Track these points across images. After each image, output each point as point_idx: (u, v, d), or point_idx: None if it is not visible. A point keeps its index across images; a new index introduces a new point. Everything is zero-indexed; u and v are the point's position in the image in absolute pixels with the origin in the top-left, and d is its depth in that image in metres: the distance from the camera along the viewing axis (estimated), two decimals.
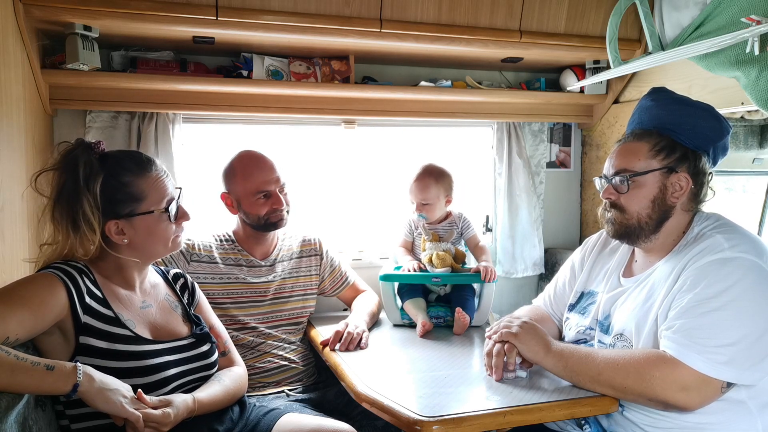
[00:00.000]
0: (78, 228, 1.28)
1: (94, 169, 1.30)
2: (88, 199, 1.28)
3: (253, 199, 1.89)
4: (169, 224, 1.39)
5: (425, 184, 2.08)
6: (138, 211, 1.34)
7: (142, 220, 1.35)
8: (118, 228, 1.34)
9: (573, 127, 2.78)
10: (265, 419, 1.45)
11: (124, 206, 1.33)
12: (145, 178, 1.36)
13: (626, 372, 1.30)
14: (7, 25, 1.58)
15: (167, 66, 2.04)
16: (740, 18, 1.61)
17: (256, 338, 1.89)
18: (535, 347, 1.43)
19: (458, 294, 2.07)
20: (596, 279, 1.65)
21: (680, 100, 1.48)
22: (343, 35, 1.97)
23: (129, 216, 1.34)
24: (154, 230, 1.37)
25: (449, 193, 2.13)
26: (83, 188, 1.28)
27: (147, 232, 1.36)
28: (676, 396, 1.26)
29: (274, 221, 1.92)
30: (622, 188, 1.45)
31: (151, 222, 1.36)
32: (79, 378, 1.10)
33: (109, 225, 1.32)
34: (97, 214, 1.29)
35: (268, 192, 1.90)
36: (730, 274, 1.28)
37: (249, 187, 1.89)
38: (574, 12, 2.21)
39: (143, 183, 1.35)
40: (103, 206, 1.30)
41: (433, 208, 2.10)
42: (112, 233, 1.33)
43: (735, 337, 1.24)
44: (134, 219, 1.34)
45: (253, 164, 1.91)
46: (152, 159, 1.41)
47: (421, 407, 1.29)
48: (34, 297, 1.18)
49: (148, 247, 1.38)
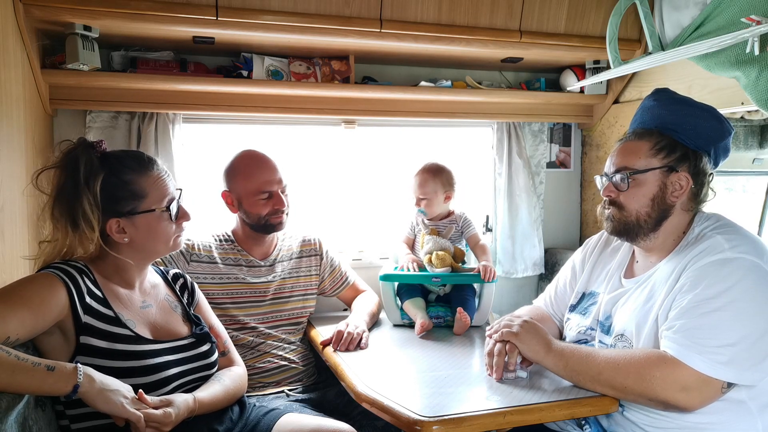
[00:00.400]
0: (77, 226, 1.28)
1: (95, 168, 1.30)
2: (88, 197, 1.28)
3: (255, 198, 1.88)
4: (169, 223, 1.39)
5: (423, 179, 2.12)
6: (139, 209, 1.35)
7: (144, 219, 1.35)
8: (119, 226, 1.34)
9: (573, 127, 2.78)
10: (265, 419, 1.46)
11: (125, 204, 1.33)
12: (146, 177, 1.36)
13: (626, 372, 1.31)
14: (7, 25, 1.58)
15: (167, 66, 2.04)
16: (740, 18, 1.61)
17: (256, 338, 1.89)
18: (536, 346, 1.43)
19: (458, 294, 2.08)
20: (597, 280, 1.65)
21: (682, 100, 1.49)
22: (343, 35, 1.97)
23: (130, 214, 1.34)
24: (155, 229, 1.37)
25: (448, 189, 2.13)
26: (83, 186, 1.28)
27: (148, 230, 1.36)
28: (676, 396, 1.26)
29: (273, 223, 1.92)
30: (622, 186, 1.45)
31: (153, 220, 1.36)
32: (80, 379, 1.10)
33: (110, 223, 1.33)
34: (96, 213, 1.29)
35: (271, 192, 1.89)
36: (730, 275, 1.28)
37: (251, 186, 1.88)
38: (574, 12, 2.21)
39: (145, 181, 1.36)
40: (103, 205, 1.30)
41: (431, 203, 2.12)
42: (113, 232, 1.34)
43: (735, 338, 1.24)
44: (136, 217, 1.34)
45: (256, 164, 1.91)
46: (154, 158, 1.41)
47: (421, 407, 1.29)
48: (35, 297, 1.18)
49: (148, 246, 1.38)
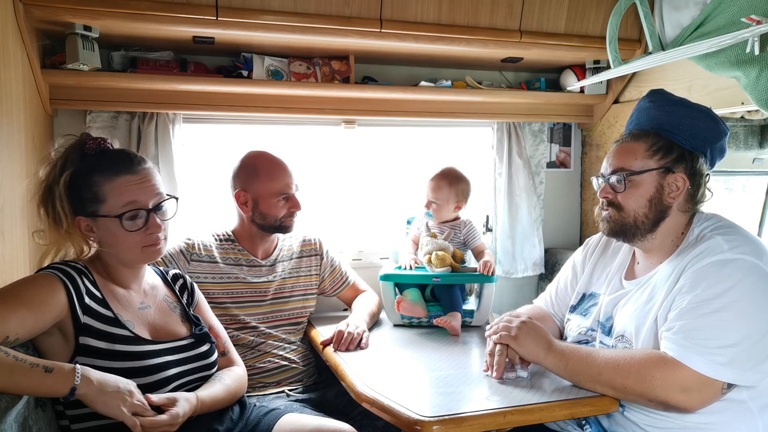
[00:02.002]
0: (58, 222, 1.32)
1: (69, 164, 1.33)
2: (60, 192, 1.31)
3: (274, 200, 1.91)
4: (128, 232, 1.33)
5: (439, 185, 2.11)
6: (99, 212, 1.33)
7: (104, 223, 1.33)
8: (88, 226, 1.35)
9: (573, 127, 2.77)
10: (265, 419, 1.46)
11: (89, 204, 1.34)
12: (111, 182, 1.32)
13: (627, 372, 1.31)
14: (7, 25, 1.58)
15: (167, 66, 2.04)
16: (740, 18, 1.61)
17: (256, 338, 1.89)
18: (535, 348, 1.43)
19: (444, 291, 2.04)
20: (598, 281, 1.65)
21: (678, 101, 1.49)
22: (343, 35, 1.97)
23: (94, 216, 1.34)
24: (114, 235, 1.34)
25: (461, 200, 2.13)
26: (54, 181, 1.32)
27: (108, 235, 1.34)
28: (676, 397, 1.26)
29: (287, 224, 1.95)
30: (619, 187, 1.45)
31: (111, 226, 1.33)
32: (77, 381, 1.10)
33: (78, 220, 1.34)
34: (67, 208, 1.31)
35: (289, 195, 1.93)
36: (730, 276, 1.28)
37: (274, 188, 1.91)
38: (574, 12, 2.21)
39: (108, 185, 1.32)
40: (71, 202, 1.32)
41: (441, 209, 2.12)
42: (83, 230, 1.35)
43: (736, 339, 1.24)
44: (98, 220, 1.34)
45: (277, 166, 1.94)
46: (135, 162, 1.37)
47: (422, 407, 1.29)
48: (35, 297, 1.18)
49: (117, 251, 1.36)
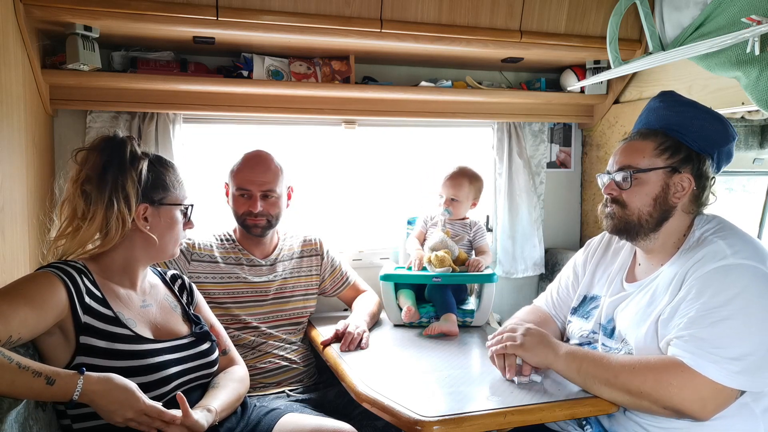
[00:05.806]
0: (112, 206, 1.31)
1: (138, 153, 1.38)
2: (133, 176, 1.34)
3: (237, 194, 1.93)
4: (179, 223, 1.45)
5: (459, 183, 2.14)
6: (167, 200, 1.41)
7: (168, 211, 1.42)
8: (148, 213, 1.38)
9: (573, 127, 2.78)
10: (265, 419, 1.46)
11: (157, 192, 1.39)
12: (175, 174, 1.46)
13: (644, 376, 1.28)
14: (7, 25, 1.57)
15: (167, 66, 2.04)
16: (740, 18, 1.61)
17: (257, 338, 1.89)
18: (543, 352, 1.43)
19: (436, 293, 2.04)
20: (599, 283, 1.64)
21: (689, 103, 1.49)
22: (344, 35, 1.97)
23: (159, 203, 1.40)
24: (172, 224, 1.43)
25: (477, 197, 2.20)
26: (129, 167, 1.34)
27: (167, 224, 1.42)
28: (693, 406, 1.24)
29: (248, 224, 1.94)
30: (625, 185, 1.45)
31: (173, 215, 1.43)
32: (75, 397, 1.10)
33: (139, 208, 1.37)
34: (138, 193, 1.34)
35: (248, 192, 1.91)
36: (734, 282, 1.27)
37: (235, 181, 1.94)
38: (575, 12, 2.21)
39: (173, 177, 1.45)
40: (142, 187, 1.36)
41: (460, 206, 2.16)
42: (140, 217, 1.37)
43: (748, 346, 1.23)
44: (162, 208, 1.41)
45: (247, 161, 1.94)
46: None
47: (422, 407, 1.29)
48: (36, 296, 1.18)
49: (162, 241, 1.41)
